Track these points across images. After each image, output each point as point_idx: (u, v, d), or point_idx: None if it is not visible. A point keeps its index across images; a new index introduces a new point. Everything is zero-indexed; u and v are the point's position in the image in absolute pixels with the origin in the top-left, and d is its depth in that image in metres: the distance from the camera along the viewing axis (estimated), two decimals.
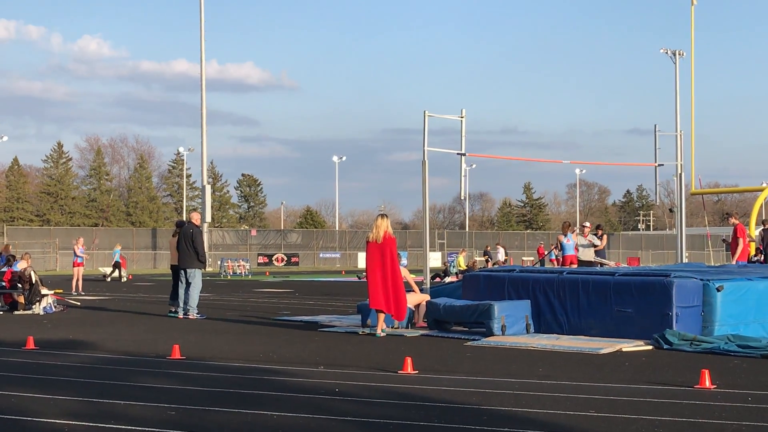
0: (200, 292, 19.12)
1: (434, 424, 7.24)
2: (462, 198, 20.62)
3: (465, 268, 39.08)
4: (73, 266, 30.57)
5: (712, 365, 10.18)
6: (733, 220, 22.68)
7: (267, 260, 68.50)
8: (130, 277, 45.45)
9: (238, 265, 51.10)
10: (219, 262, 53.43)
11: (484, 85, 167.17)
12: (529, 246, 79.94)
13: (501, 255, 44.33)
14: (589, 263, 23.32)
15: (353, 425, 7.29)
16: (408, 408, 7.97)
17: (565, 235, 23.92)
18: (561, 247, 24.16)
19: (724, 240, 26.16)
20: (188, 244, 18.77)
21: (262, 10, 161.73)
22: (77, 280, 29.88)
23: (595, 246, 23.93)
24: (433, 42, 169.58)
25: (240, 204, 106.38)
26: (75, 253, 30.51)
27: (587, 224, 25.33)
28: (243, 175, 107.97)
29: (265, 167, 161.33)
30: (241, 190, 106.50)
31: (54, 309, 20.37)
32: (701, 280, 13.39)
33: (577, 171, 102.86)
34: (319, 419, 7.47)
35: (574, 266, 22.39)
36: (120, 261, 41.95)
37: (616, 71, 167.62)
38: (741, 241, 21.92)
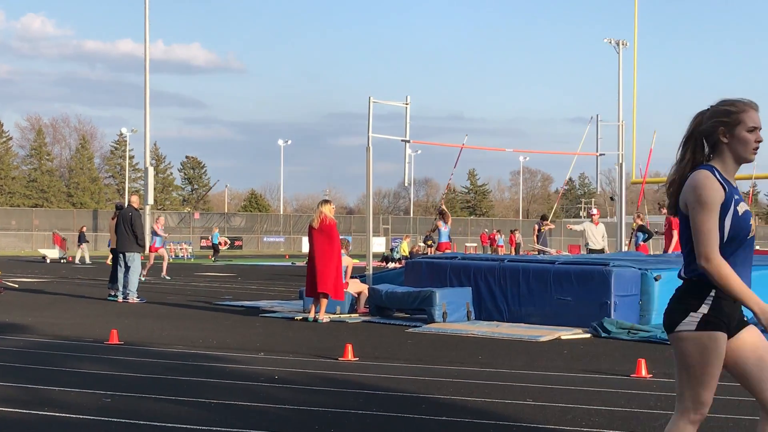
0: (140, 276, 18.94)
1: (373, 412, 7.24)
2: (406, 184, 20.64)
3: (408, 254, 39.19)
4: None
5: (649, 354, 10.32)
6: (665, 211, 22.71)
7: (210, 243, 67.96)
8: (70, 258, 44.86)
9: (180, 248, 50.65)
10: None
11: (432, 71, 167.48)
12: (473, 232, 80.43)
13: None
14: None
15: (292, 413, 7.27)
16: (347, 395, 7.96)
17: (445, 223, 23.89)
18: (439, 234, 24.16)
19: (657, 232, 26.47)
20: (127, 228, 18.56)
21: None
22: None
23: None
24: (379, 27, 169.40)
25: (183, 186, 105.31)
26: None
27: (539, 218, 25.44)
28: (187, 157, 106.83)
29: (209, 149, 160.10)
30: (184, 173, 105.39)
31: None
32: (639, 269, 13.57)
33: (521, 158, 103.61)
34: (257, 407, 7.42)
35: (449, 252, 22.47)
36: (218, 242, 44.42)
37: (561, 60, 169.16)
38: (675, 233, 22.09)
